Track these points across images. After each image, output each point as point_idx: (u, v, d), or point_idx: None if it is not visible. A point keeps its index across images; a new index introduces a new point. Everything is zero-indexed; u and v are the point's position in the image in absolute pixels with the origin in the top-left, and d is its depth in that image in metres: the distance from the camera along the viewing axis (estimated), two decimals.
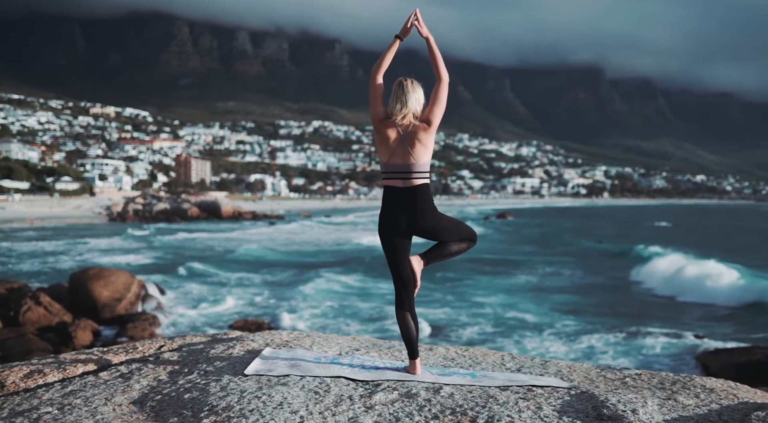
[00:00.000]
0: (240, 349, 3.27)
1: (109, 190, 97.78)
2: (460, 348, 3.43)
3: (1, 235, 44.76)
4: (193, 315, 17.30)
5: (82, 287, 16.79)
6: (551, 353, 12.93)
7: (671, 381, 2.82)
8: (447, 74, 2.97)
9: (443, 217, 2.94)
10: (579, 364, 3.10)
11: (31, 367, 3.08)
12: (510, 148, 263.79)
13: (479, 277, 24.44)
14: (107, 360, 3.24)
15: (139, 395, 2.66)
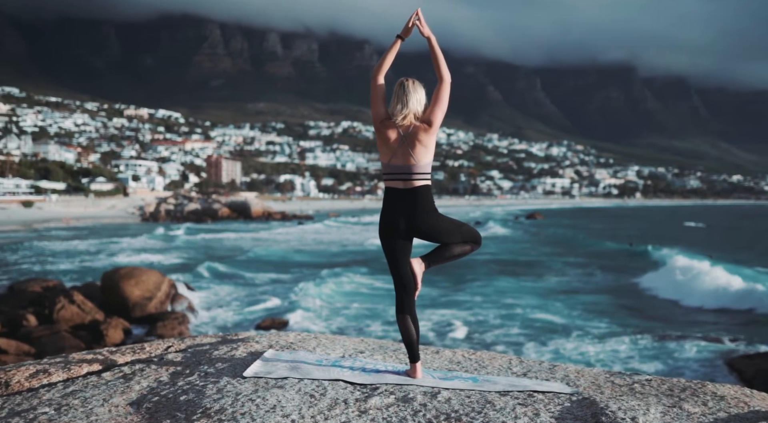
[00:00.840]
0: (243, 351, 3.26)
1: (142, 191, 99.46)
2: (467, 351, 3.40)
3: (38, 234, 45.89)
4: (221, 314, 17.47)
5: (113, 286, 17.11)
6: (576, 356, 12.79)
7: (681, 387, 2.75)
8: (449, 75, 2.94)
9: (444, 219, 2.89)
10: (588, 369, 3.04)
11: (38, 366, 3.09)
12: (540, 148, 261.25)
13: (508, 279, 24.27)
14: (113, 360, 3.26)
15: (137, 396, 2.67)
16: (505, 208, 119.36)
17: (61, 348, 13.03)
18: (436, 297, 20.12)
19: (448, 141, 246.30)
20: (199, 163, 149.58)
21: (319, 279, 23.16)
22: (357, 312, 17.50)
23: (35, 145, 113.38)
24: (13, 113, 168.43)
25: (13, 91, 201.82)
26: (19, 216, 61.06)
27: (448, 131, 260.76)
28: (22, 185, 79.18)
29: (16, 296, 18.20)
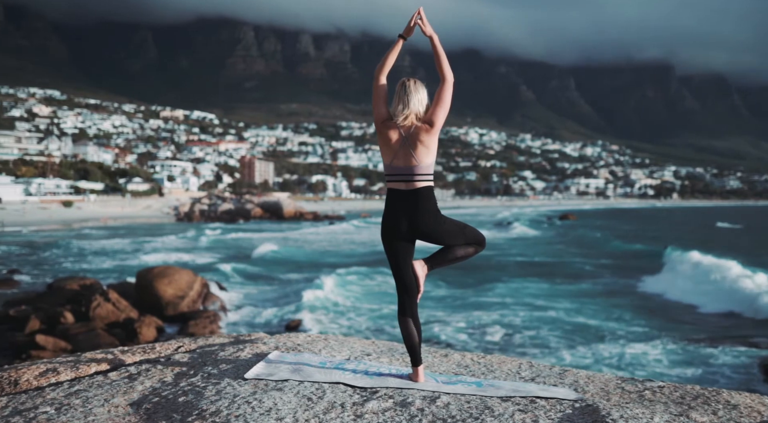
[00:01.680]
0: (248, 352, 3.26)
1: (177, 191, 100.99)
2: (477, 354, 3.37)
3: (77, 233, 47.03)
4: (251, 314, 17.64)
5: (147, 285, 17.46)
6: (605, 360, 12.62)
7: (694, 395, 2.68)
8: (451, 74, 2.88)
9: (447, 221, 2.85)
10: (600, 375, 2.99)
11: (48, 365, 3.12)
12: (574, 148, 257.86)
13: (540, 281, 24.03)
14: (121, 360, 3.28)
15: (139, 397, 2.67)
16: (536, 209, 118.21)
17: (96, 345, 13.30)
18: (462, 297, 20.05)
19: (480, 141, 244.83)
20: (232, 163, 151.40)
21: (347, 279, 23.27)
22: (382, 313, 17.52)
23: (75, 147, 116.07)
24: (55, 115, 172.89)
25: (54, 94, 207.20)
26: (60, 215, 62.66)
27: (480, 131, 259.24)
28: (63, 186, 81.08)
29: (55, 294, 18.71)
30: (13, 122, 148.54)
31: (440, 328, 15.62)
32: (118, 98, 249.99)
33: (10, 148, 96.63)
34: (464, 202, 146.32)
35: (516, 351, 13.57)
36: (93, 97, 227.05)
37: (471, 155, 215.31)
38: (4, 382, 2.90)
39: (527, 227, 60.14)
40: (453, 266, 17.25)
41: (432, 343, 14.33)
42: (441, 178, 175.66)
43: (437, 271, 16.03)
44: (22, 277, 24.37)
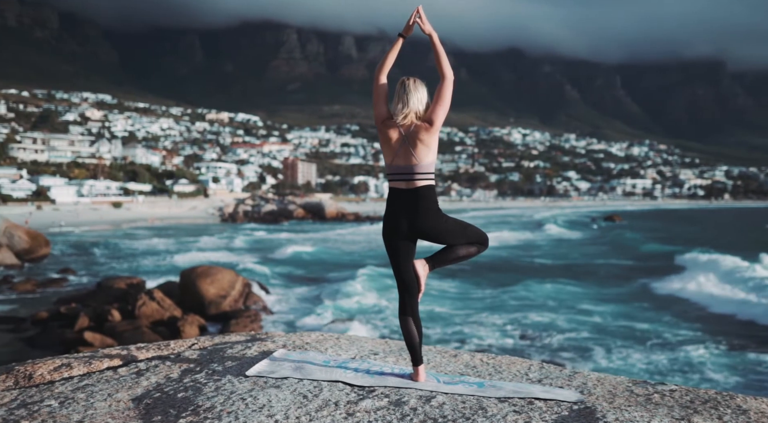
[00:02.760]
0: (256, 350, 3.28)
1: (222, 192, 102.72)
2: (487, 355, 3.35)
3: (126, 233, 48.41)
4: (292, 313, 17.81)
5: (191, 284, 17.84)
6: (642, 364, 12.38)
7: (705, 399, 2.61)
8: (451, 72, 2.87)
9: (448, 220, 2.82)
10: (612, 378, 2.94)
11: (63, 360, 3.18)
12: (620, 148, 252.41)
13: (586, 283, 23.67)
14: (134, 356, 3.32)
15: (142, 392, 2.71)
16: (579, 210, 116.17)
17: (139, 343, 13.76)
18: (489, 298, 19.91)
19: (523, 141, 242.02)
20: (276, 165, 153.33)
21: (385, 281, 23.35)
22: (422, 315, 17.50)
23: (124, 149, 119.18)
24: (106, 119, 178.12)
25: (105, 99, 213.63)
26: (110, 216, 64.59)
27: (523, 131, 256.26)
28: (113, 187, 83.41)
29: (104, 292, 19.29)
30: (67, 126, 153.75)
31: (472, 329, 15.58)
32: (165, 102, 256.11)
33: (64, 151, 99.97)
34: (506, 203, 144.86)
35: (544, 354, 13.43)
36: (142, 101, 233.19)
37: (514, 156, 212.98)
38: (19, 376, 2.97)
39: (562, 228, 59.30)
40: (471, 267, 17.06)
41: (452, 344, 14.37)
42: (483, 179, 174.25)
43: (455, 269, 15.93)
44: (74, 275, 25.26)
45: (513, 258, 33.46)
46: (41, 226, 43.69)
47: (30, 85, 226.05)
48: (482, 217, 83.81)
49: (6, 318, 16.73)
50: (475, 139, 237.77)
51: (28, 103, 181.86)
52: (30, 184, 73.17)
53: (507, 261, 31.91)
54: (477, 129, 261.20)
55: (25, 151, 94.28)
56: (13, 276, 24.25)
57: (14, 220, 38.54)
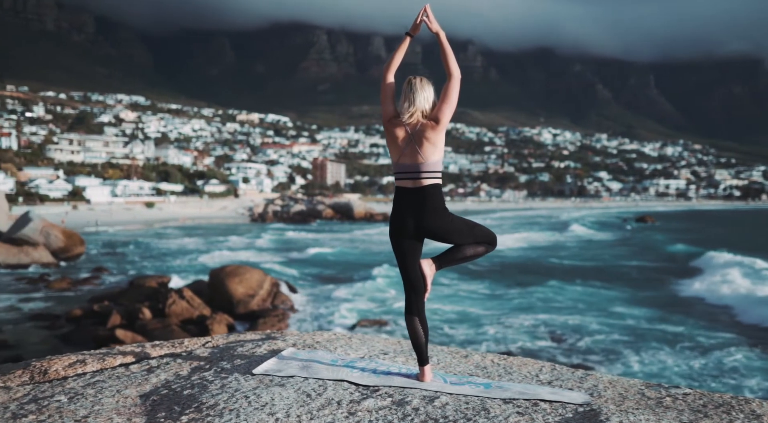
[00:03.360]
0: (266, 349, 3.29)
1: (251, 192, 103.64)
2: (498, 356, 3.32)
3: (158, 233, 49.23)
4: (319, 313, 17.85)
5: (219, 283, 18.09)
6: (674, 368, 12.18)
7: (719, 404, 2.56)
8: (458, 71, 2.85)
9: (455, 219, 2.80)
10: (625, 380, 2.90)
11: (78, 357, 3.24)
12: (653, 148, 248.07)
13: (614, 285, 23.36)
14: (147, 353, 3.35)
15: (151, 389, 2.73)
16: (609, 211, 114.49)
17: None
18: (510, 300, 19.77)
19: (554, 141, 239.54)
20: (305, 165, 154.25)
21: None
22: (446, 316, 17.48)
23: (157, 150, 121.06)
24: (139, 120, 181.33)
25: (139, 100, 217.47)
26: (143, 216, 65.75)
27: (553, 131, 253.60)
28: (145, 187, 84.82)
29: (136, 291, 19.67)
30: (102, 127, 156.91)
31: (500, 330, 15.49)
32: (197, 103, 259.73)
33: (98, 152, 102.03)
34: (536, 204, 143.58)
35: (572, 357, 13.30)
36: (174, 103, 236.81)
37: (544, 156, 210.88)
38: (35, 372, 3.02)
39: (590, 229, 58.59)
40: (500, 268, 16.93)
41: (436, 344, 14.31)
42: (513, 180, 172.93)
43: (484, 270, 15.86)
44: (107, 274, 25.81)
45: (541, 259, 33.17)
46: (76, 226, 44.68)
47: (67, 88, 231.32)
48: (511, 218, 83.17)
49: (42, 315, 17.20)
50: (505, 140, 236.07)
51: (65, 105, 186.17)
52: (66, 184, 74.84)
53: (536, 262, 31.64)
54: (507, 129, 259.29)
55: (61, 152, 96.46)
56: (49, 274, 24.88)
57: (51, 219, 39.49)
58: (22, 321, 16.60)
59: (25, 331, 15.33)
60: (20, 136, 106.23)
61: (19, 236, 29.36)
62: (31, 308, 18.26)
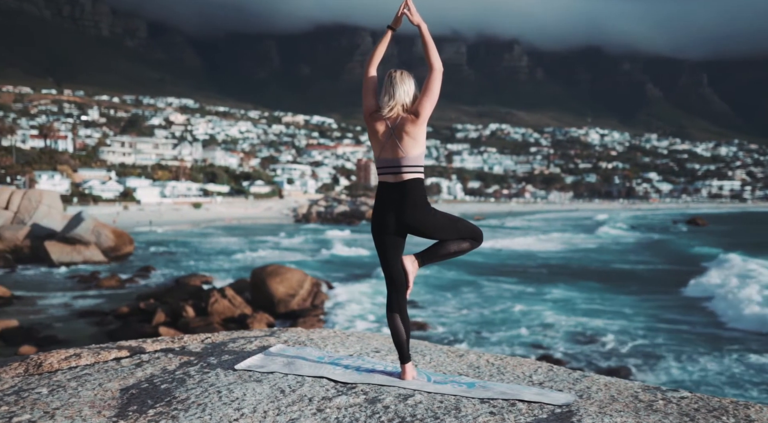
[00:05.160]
0: (256, 345, 3.28)
1: (296, 193, 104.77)
2: (495, 356, 3.27)
3: (205, 233, 50.33)
4: (359, 313, 17.90)
5: (261, 283, 18.39)
6: (715, 374, 11.85)
7: (713, 408, 2.47)
8: (440, 64, 2.80)
9: (438, 214, 2.75)
10: (624, 382, 2.81)
11: (76, 350, 3.27)
12: (706, 148, 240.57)
13: (653, 288, 22.87)
14: (142, 348, 3.36)
15: (133, 382, 2.74)
16: (657, 213, 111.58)
17: None
18: (545, 301, 19.50)
19: (601, 142, 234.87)
20: (349, 166, 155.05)
21: (454, 283, 23.34)
22: (484, 318, 17.38)
23: (204, 151, 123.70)
24: (188, 123, 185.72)
25: (188, 103, 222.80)
26: (190, 216, 67.30)
27: (601, 132, 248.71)
28: (193, 188, 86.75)
29: (180, 289, 20.21)
30: (153, 130, 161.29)
31: (535, 332, 15.34)
32: (244, 105, 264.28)
33: (149, 153, 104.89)
34: (582, 205, 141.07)
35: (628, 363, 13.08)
36: (222, 105, 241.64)
37: (591, 156, 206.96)
38: (30, 364, 3.06)
39: (618, 230, 57.37)
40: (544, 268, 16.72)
41: (436, 343, 14.21)
42: (559, 181, 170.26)
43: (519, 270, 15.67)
44: (154, 272, 26.55)
45: (581, 260, 32.68)
46: (127, 226, 46.06)
47: (120, 92, 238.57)
48: (557, 219, 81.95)
49: (92, 312, 17.86)
50: (551, 140, 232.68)
51: (118, 108, 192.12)
52: (118, 185, 77.20)
53: (576, 263, 31.20)
54: (553, 129, 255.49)
55: (113, 154, 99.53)
56: (99, 272, 25.72)
57: (103, 219, 40.86)
58: (73, 317, 17.25)
59: (75, 328, 15.91)
60: (75, 139, 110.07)
61: (72, 235, 30.46)
62: (82, 305, 18.94)
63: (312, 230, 55.28)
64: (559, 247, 40.63)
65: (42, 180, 68.04)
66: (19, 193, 35.81)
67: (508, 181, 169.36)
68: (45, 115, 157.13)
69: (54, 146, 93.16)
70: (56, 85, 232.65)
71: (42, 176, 69.35)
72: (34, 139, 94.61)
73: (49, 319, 16.86)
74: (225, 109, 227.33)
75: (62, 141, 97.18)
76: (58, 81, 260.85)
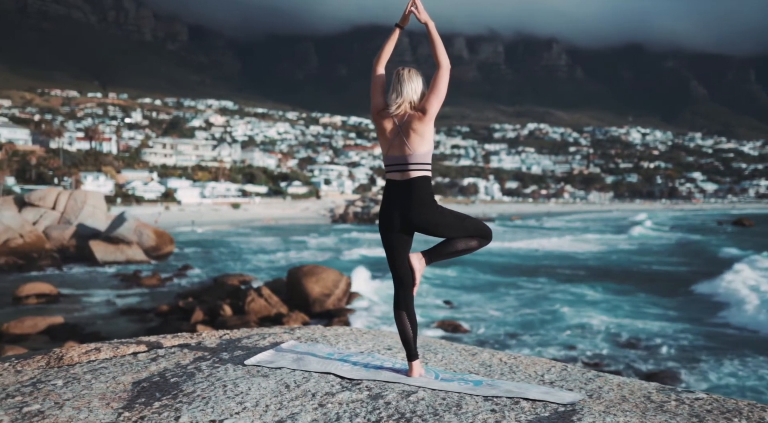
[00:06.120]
0: (269, 341, 3.32)
1: (333, 194, 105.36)
2: (508, 355, 3.25)
3: (243, 233, 51.06)
4: (388, 312, 18.13)
5: (297, 282, 18.59)
6: (749, 378, 11.55)
7: (727, 409, 2.40)
8: (447, 61, 2.79)
9: (444, 212, 2.74)
10: (639, 383, 2.76)
11: (97, 345, 3.35)
12: (753, 147, 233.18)
13: (687, 291, 22.35)
14: (160, 343, 3.41)
15: (146, 376, 2.78)
16: (699, 213, 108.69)
17: None
18: (592, 303, 19.21)
19: (643, 141, 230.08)
20: None
21: (494, 286, 23.21)
22: (522, 319, 17.23)
23: (243, 153, 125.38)
24: (228, 124, 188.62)
25: (228, 105, 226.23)
26: (229, 216, 68.35)
27: (643, 131, 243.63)
28: (232, 189, 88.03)
29: (218, 288, 20.58)
30: (193, 131, 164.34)
31: (575, 334, 15.17)
32: (282, 106, 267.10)
33: (189, 155, 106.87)
34: (623, 205, 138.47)
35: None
36: (260, 107, 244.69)
37: (632, 156, 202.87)
38: (52, 357, 3.14)
39: (657, 231, 56.12)
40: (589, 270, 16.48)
41: (452, 342, 14.07)
42: (598, 181, 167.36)
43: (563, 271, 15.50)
44: (193, 272, 27.08)
45: (621, 261, 32.12)
46: (168, 226, 47.05)
47: (162, 94, 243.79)
48: (595, 219, 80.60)
49: (133, 310, 18.36)
50: (591, 140, 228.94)
51: (159, 110, 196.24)
52: (159, 186, 78.87)
53: (613, 264, 30.71)
54: (592, 129, 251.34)
55: (155, 155, 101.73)
56: (141, 271, 26.37)
57: (145, 219, 41.83)
58: (116, 315, 17.75)
59: (117, 325, 16.35)
60: (119, 141, 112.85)
61: (116, 235, 31.29)
62: (124, 303, 19.47)
63: (347, 230, 55.57)
64: (596, 247, 40.04)
65: (87, 181, 69.97)
66: (66, 193, 36.92)
67: (546, 181, 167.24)
68: (90, 118, 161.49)
69: (99, 148, 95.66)
70: (101, 89, 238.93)
71: (87, 177, 71.30)
72: (80, 142, 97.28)
73: (93, 317, 17.38)
74: (263, 110, 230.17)
75: (107, 143, 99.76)
76: (103, 84, 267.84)
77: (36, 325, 15.36)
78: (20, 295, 19.52)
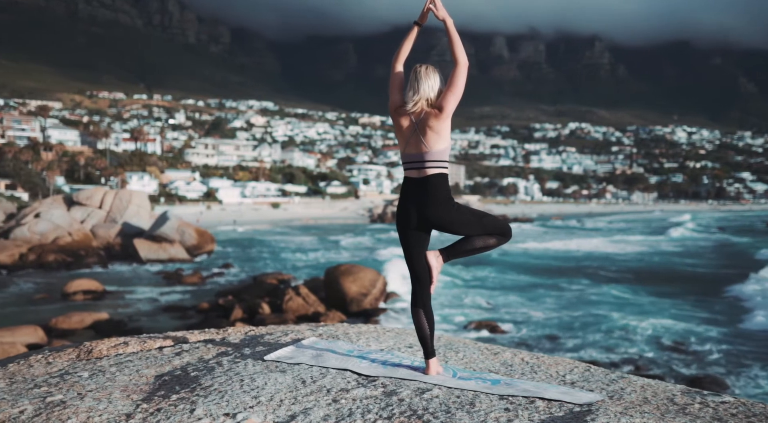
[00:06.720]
0: (290, 338, 3.36)
1: (371, 193, 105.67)
2: (530, 355, 3.21)
3: (282, 232, 51.66)
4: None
5: (334, 282, 18.72)
6: None
7: (753, 413, 2.34)
8: (465, 58, 2.80)
9: (462, 210, 2.72)
10: (663, 385, 2.69)
11: (125, 339, 3.43)
12: None
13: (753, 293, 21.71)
14: (185, 338, 3.47)
15: (169, 369, 2.83)
16: (747, 214, 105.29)
17: None
18: (636, 305, 18.84)
19: (689, 140, 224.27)
20: None
21: (532, 287, 22.99)
22: (561, 322, 17.02)
23: (283, 153, 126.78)
24: (268, 125, 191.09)
25: (268, 106, 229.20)
26: (269, 216, 69.24)
27: (689, 130, 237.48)
28: (272, 189, 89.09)
29: (257, 287, 20.88)
30: (235, 132, 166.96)
31: (617, 337, 14.92)
32: (321, 107, 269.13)
33: (230, 155, 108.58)
34: (666, 206, 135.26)
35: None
36: (300, 107, 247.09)
37: (677, 156, 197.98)
38: (82, 351, 3.22)
39: (693, 232, 54.59)
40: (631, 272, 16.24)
41: (476, 341, 13.83)
42: (642, 181, 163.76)
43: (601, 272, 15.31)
44: (233, 270, 27.54)
45: (662, 263, 31.45)
46: (210, 225, 47.91)
47: (205, 96, 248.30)
48: (637, 220, 78.94)
49: (175, 307, 18.80)
50: (634, 139, 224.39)
51: (202, 111, 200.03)
52: (201, 185, 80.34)
53: (656, 266, 30.07)
54: (636, 128, 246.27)
55: (198, 155, 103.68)
56: (183, 269, 26.94)
57: (187, 219, 42.72)
58: (158, 312, 18.20)
59: (159, 321, 16.76)
60: (163, 142, 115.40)
61: (159, 234, 32.03)
62: (167, 300, 19.95)
63: (384, 230, 55.68)
64: (637, 249, 39.25)
65: (132, 181, 71.76)
66: (112, 193, 37.97)
67: (587, 181, 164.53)
68: (136, 119, 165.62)
69: (144, 149, 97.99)
70: (147, 91, 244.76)
71: (132, 177, 73.12)
72: (126, 142, 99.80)
73: (137, 313, 17.85)
74: (303, 111, 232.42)
75: (151, 143, 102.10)
76: (148, 86, 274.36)
77: (82, 320, 15.87)
78: (68, 291, 20.21)
